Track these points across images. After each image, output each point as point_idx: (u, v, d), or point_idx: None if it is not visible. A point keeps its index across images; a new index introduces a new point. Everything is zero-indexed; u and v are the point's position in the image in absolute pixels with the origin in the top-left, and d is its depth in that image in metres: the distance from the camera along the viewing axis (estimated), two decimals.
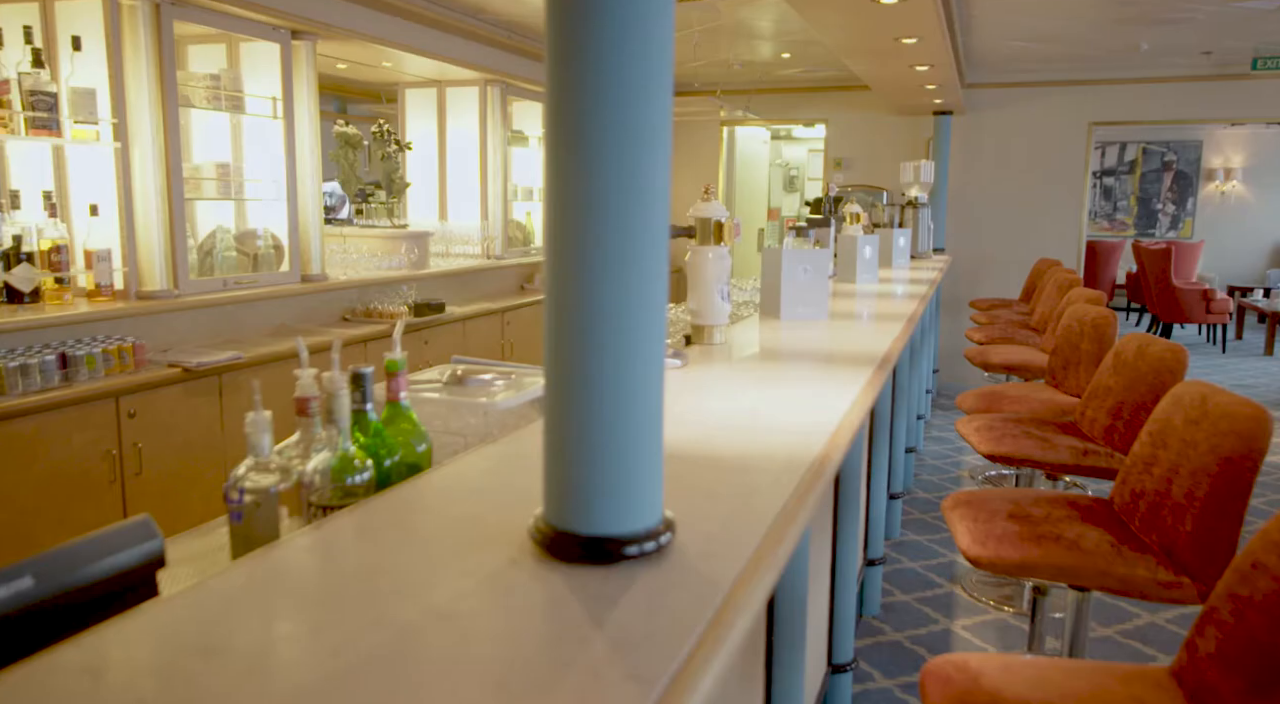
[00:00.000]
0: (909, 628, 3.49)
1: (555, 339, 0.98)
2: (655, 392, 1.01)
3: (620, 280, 0.95)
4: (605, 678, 0.75)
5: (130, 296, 3.43)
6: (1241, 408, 1.87)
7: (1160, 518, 2.01)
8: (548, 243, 0.98)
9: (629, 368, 0.97)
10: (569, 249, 0.96)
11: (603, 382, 0.97)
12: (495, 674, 0.76)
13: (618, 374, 0.97)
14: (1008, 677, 1.42)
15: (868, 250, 4.54)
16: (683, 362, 2.19)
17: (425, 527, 1.13)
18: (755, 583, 0.95)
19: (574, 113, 0.93)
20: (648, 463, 1.01)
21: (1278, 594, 1.29)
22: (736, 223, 2.54)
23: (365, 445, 1.39)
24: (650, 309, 0.98)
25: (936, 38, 4.10)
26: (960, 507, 2.20)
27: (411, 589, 0.93)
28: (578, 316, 0.96)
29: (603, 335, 0.96)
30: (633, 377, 0.98)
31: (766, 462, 1.40)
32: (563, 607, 0.90)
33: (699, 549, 1.04)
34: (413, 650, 0.80)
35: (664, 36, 0.96)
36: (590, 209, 0.94)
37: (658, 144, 0.96)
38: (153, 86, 3.41)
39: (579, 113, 0.93)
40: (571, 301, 0.96)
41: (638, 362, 0.98)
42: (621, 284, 0.95)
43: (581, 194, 0.94)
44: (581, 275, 0.95)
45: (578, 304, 0.96)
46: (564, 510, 1.00)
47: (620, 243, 0.94)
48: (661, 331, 1.01)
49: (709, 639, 0.82)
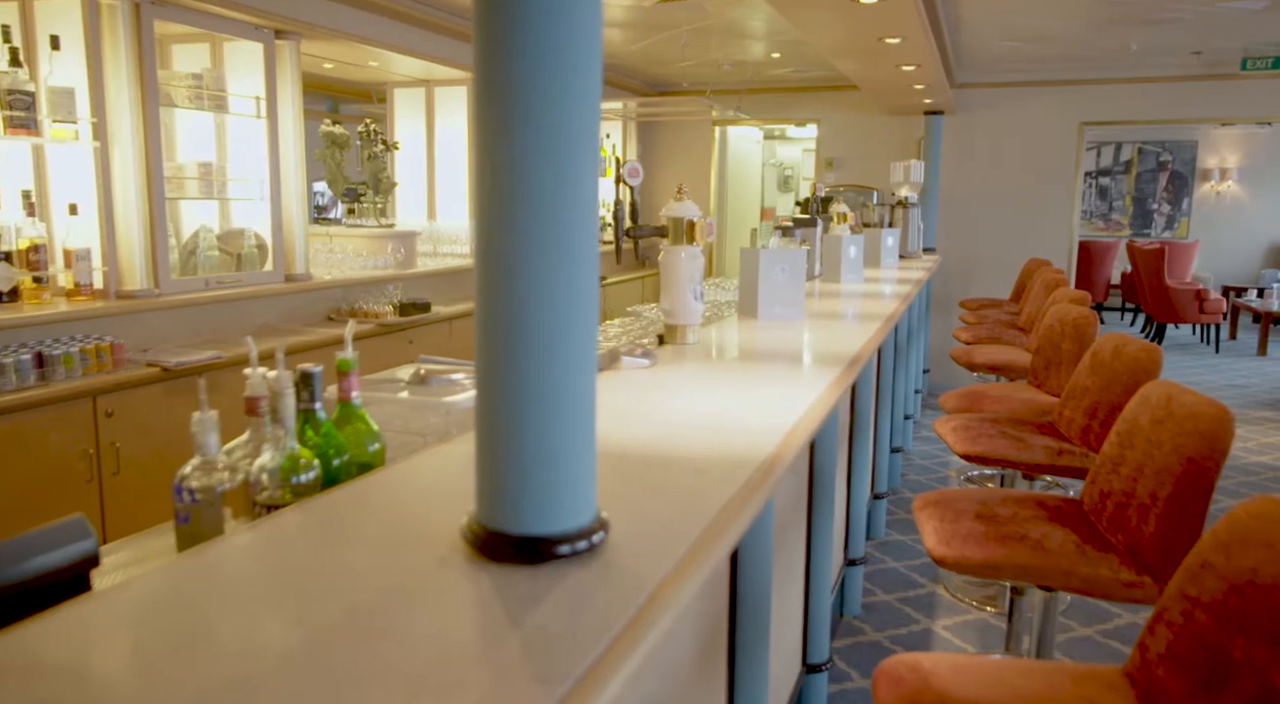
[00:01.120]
0: (889, 628, 3.49)
1: (484, 340, 0.98)
2: (586, 392, 1.01)
3: (545, 280, 0.95)
4: (511, 678, 0.75)
5: (110, 296, 3.43)
6: (1205, 408, 1.87)
7: (1126, 518, 2.01)
8: (475, 243, 0.98)
9: (557, 368, 0.97)
10: (494, 249, 0.96)
11: (530, 382, 0.97)
12: (402, 674, 0.76)
13: (545, 375, 0.97)
14: (959, 677, 1.42)
15: (853, 250, 4.53)
16: (651, 361, 2.19)
17: (362, 526, 1.13)
18: (682, 583, 0.95)
19: (497, 113, 0.93)
20: (579, 463, 1.01)
21: (1225, 594, 1.29)
22: (709, 222, 2.54)
23: (314, 445, 1.38)
24: (578, 309, 0.97)
25: (920, 38, 4.10)
26: (929, 507, 2.20)
27: (337, 589, 0.93)
28: (504, 317, 0.96)
29: (529, 336, 0.96)
30: (561, 377, 0.98)
31: (719, 461, 1.40)
32: (484, 607, 0.90)
33: (634, 548, 1.04)
34: (326, 650, 0.80)
35: (589, 41, 0.95)
36: (514, 210, 0.94)
37: (582, 146, 0.95)
38: (133, 86, 3.41)
39: (502, 113, 0.93)
40: (498, 302, 0.96)
41: (566, 362, 0.98)
42: (547, 284, 0.95)
43: (506, 195, 0.94)
44: (507, 275, 0.95)
45: (504, 304, 0.96)
46: (494, 510, 1.00)
47: (544, 242, 0.94)
48: (592, 331, 1.01)
49: (624, 640, 0.82)
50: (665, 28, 5.72)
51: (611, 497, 1.24)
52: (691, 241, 2.49)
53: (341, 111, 8.39)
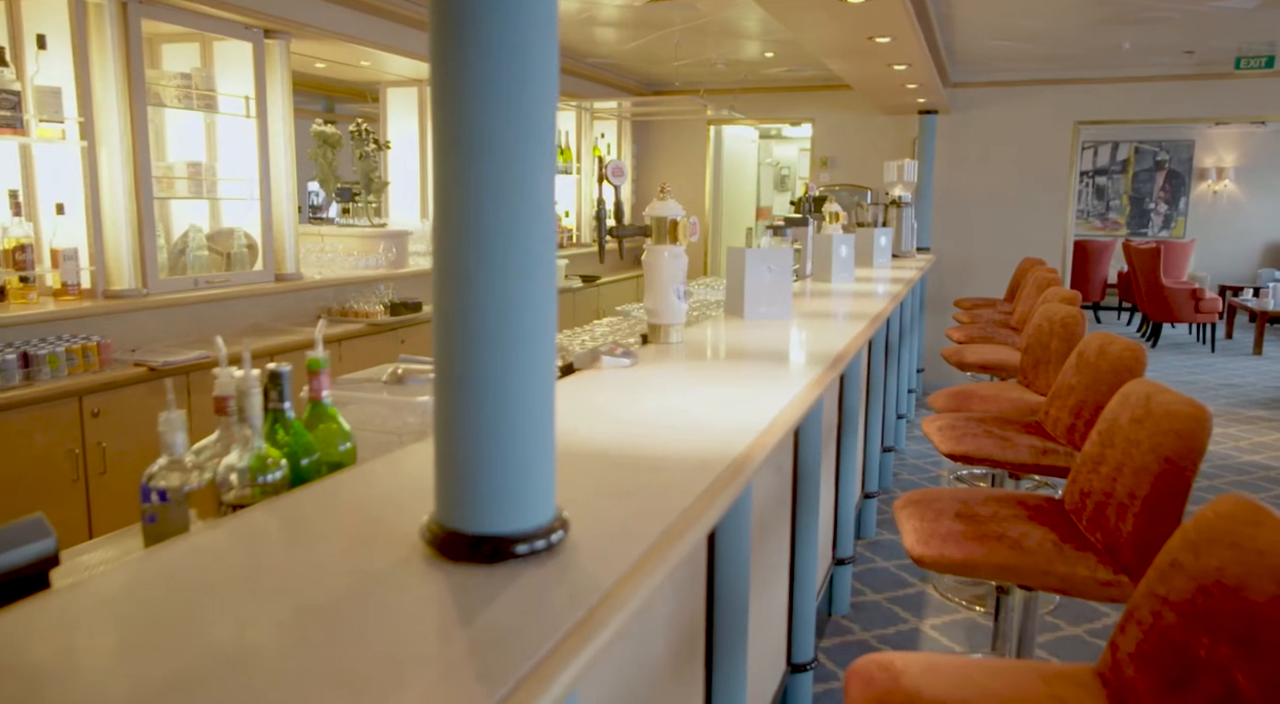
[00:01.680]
0: (877, 627, 3.49)
1: (440, 342, 0.98)
2: (544, 391, 1.01)
3: (500, 283, 0.95)
4: (455, 677, 0.75)
5: (97, 296, 3.43)
6: (1183, 407, 1.87)
7: (1104, 517, 2.01)
8: (433, 241, 0.98)
9: (514, 367, 0.97)
10: (448, 252, 0.95)
11: (485, 385, 0.97)
12: (345, 673, 0.76)
13: (502, 374, 0.97)
14: (930, 677, 1.42)
15: (843, 250, 4.53)
16: (632, 361, 2.19)
17: (324, 525, 1.13)
18: (638, 584, 0.95)
19: (451, 115, 0.93)
20: (536, 463, 1.01)
21: (1192, 592, 1.29)
22: (693, 222, 2.54)
23: (284, 445, 1.38)
24: (533, 311, 0.97)
25: (910, 37, 4.10)
26: (909, 506, 2.20)
27: (290, 588, 0.93)
28: (459, 320, 0.96)
29: (483, 338, 0.96)
30: (519, 376, 0.98)
31: (688, 461, 1.40)
32: (436, 606, 0.90)
33: (593, 548, 1.04)
34: (270, 650, 0.80)
35: (545, 40, 0.95)
36: (472, 208, 0.94)
37: (537, 149, 0.95)
38: (120, 85, 3.41)
39: (455, 115, 0.93)
40: (453, 304, 0.96)
41: (522, 363, 0.98)
42: (501, 287, 0.95)
43: (462, 194, 0.94)
44: (461, 278, 0.95)
45: (459, 307, 0.96)
46: (452, 510, 1.00)
47: (498, 245, 0.94)
48: (549, 334, 1.01)
49: (573, 640, 0.82)
50: (659, 27, 5.72)
51: (576, 496, 1.24)
52: (675, 241, 2.49)
53: (337, 111, 8.40)
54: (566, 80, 6.93)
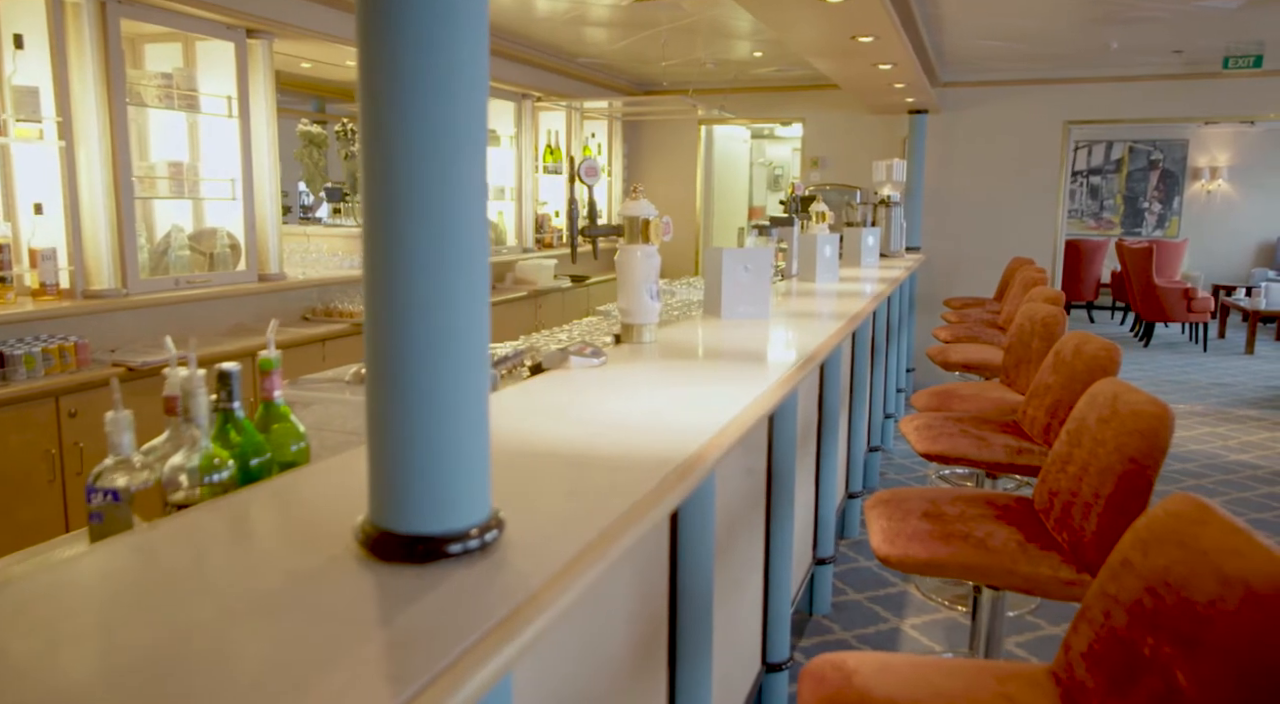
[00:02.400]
0: (858, 627, 3.49)
1: (370, 341, 0.98)
2: (476, 388, 1.00)
3: (427, 283, 0.94)
4: (364, 677, 0.75)
5: (76, 296, 3.43)
6: (1147, 406, 1.87)
7: (1070, 517, 2.01)
8: (363, 237, 0.98)
9: (444, 366, 0.97)
10: (377, 250, 0.95)
11: (414, 384, 0.96)
12: (256, 674, 0.75)
13: (432, 373, 0.96)
14: (883, 676, 1.42)
15: (828, 250, 4.53)
16: (601, 361, 2.18)
17: (263, 526, 1.12)
18: (568, 583, 0.95)
19: (376, 112, 0.93)
20: (468, 462, 1.00)
21: (1141, 592, 1.29)
22: (666, 221, 2.53)
23: (236, 445, 1.38)
24: (464, 310, 0.97)
25: (892, 36, 4.10)
26: (879, 506, 2.20)
27: (216, 589, 0.93)
28: (387, 319, 0.96)
29: (412, 338, 0.96)
30: (448, 375, 0.97)
31: (641, 461, 1.39)
32: (359, 606, 0.90)
33: (529, 548, 1.04)
34: (187, 650, 0.79)
35: (473, 37, 0.95)
36: (394, 210, 0.94)
37: (467, 147, 0.95)
38: (99, 85, 3.41)
39: (381, 113, 0.93)
40: (381, 303, 0.96)
41: (454, 359, 0.97)
42: (429, 287, 0.94)
43: (390, 188, 0.94)
44: (389, 277, 0.95)
45: (387, 306, 0.96)
46: (385, 510, 1.00)
47: (425, 243, 0.94)
48: (481, 333, 1.00)
49: (491, 640, 0.82)
50: (647, 26, 5.72)
51: (521, 496, 1.24)
52: (647, 240, 2.49)
53: (328, 111, 8.39)
54: (555, 80, 6.93)
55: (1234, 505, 4.84)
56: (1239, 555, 1.14)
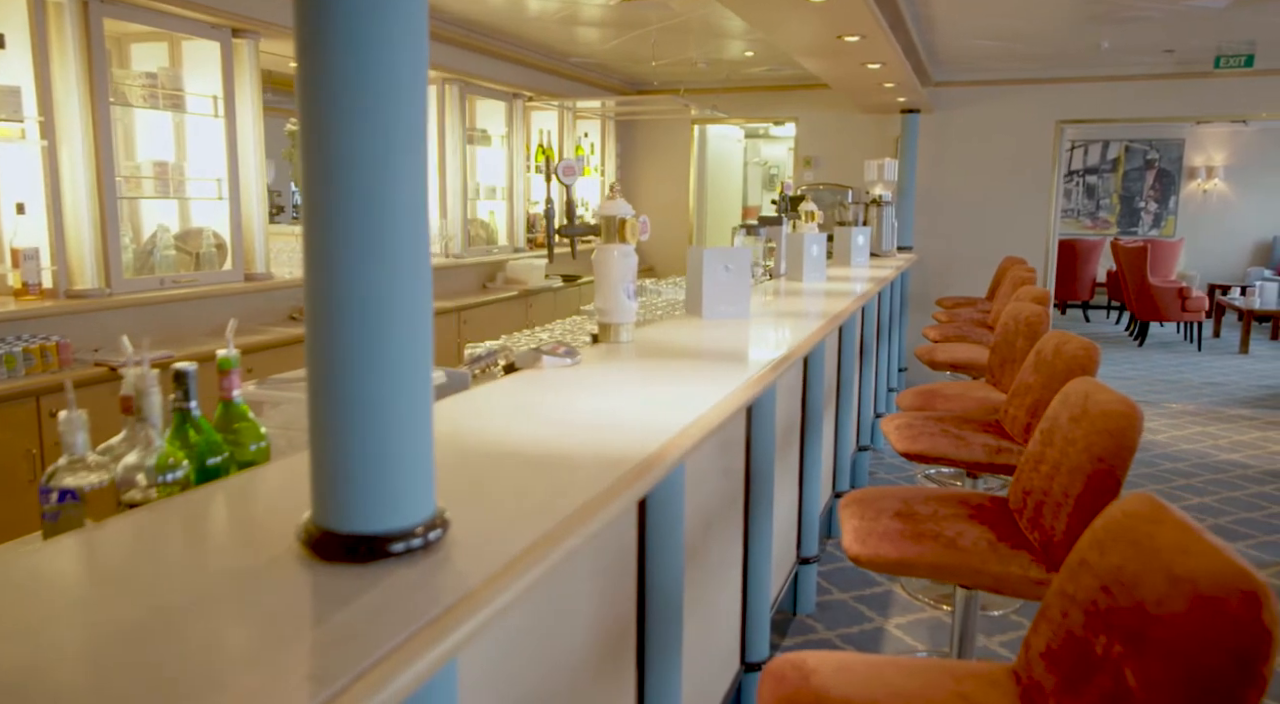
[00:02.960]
0: (841, 626, 3.49)
1: (310, 340, 0.98)
2: (417, 388, 1.00)
3: (364, 282, 0.94)
4: (285, 677, 0.75)
5: (59, 295, 3.43)
6: (1116, 406, 1.87)
7: (1042, 516, 2.01)
8: (303, 237, 0.98)
9: (384, 365, 0.97)
10: (316, 243, 0.95)
11: (353, 383, 0.96)
12: (177, 673, 0.75)
13: (370, 375, 0.96)
14: (841, 676, 1.42)
15: (815, 249, 4.53)
16: (574, 360, 2.18)
17: (209, 525, 1.12)
18: (505, 584, 0.95)
19: (313, 110, 0.93)
20: (411, 461, 1.00)
21: (1096, 590, 1.29)
22: (643, 221, 2.53)
23: (192, 444, 1.38)
24: (403, 309, 0.97)
25: (879, 36, 4.09)
26: (852, 505, 2.20)
27: (153, 589, 0.93)
28: (326, 318, 0.96)
29: (351, 332, 0.96)
30: (387, 374, 0.97)
31: (599, 460, 1.39)
32: (294, 605, 0.89)
33: (473, 547, 1.04)
34: (111, 650, 0.79)
35: (412, 37, 0.95)
36: (332, 209, 0.94)
37: (405, 145, 0.95)
38: (82, 84, 3.41)
39: (317, 110, 0.93)
40: (320, 302, 0.96)
41: (394, 358, 0.97)
42: (366, 286, 0.94)
43: (326, 189, 0.94)
44: (327, 276, 0.95)
45: (325, 305, 0.96)
46: (327, 510, 1.00)
47: (361, 242, 0.94)
48: (423, 331, 1.00)
49: (419, 640, 0.82)
50: (637, 26, 5.72)
51: (473, 495, 1.24)
52: (624, 240, 2.49)
53: None
54: (548, 79, 6.93)
55: (1223, 505, 4.84)
56: (1188, 555, 1.14)
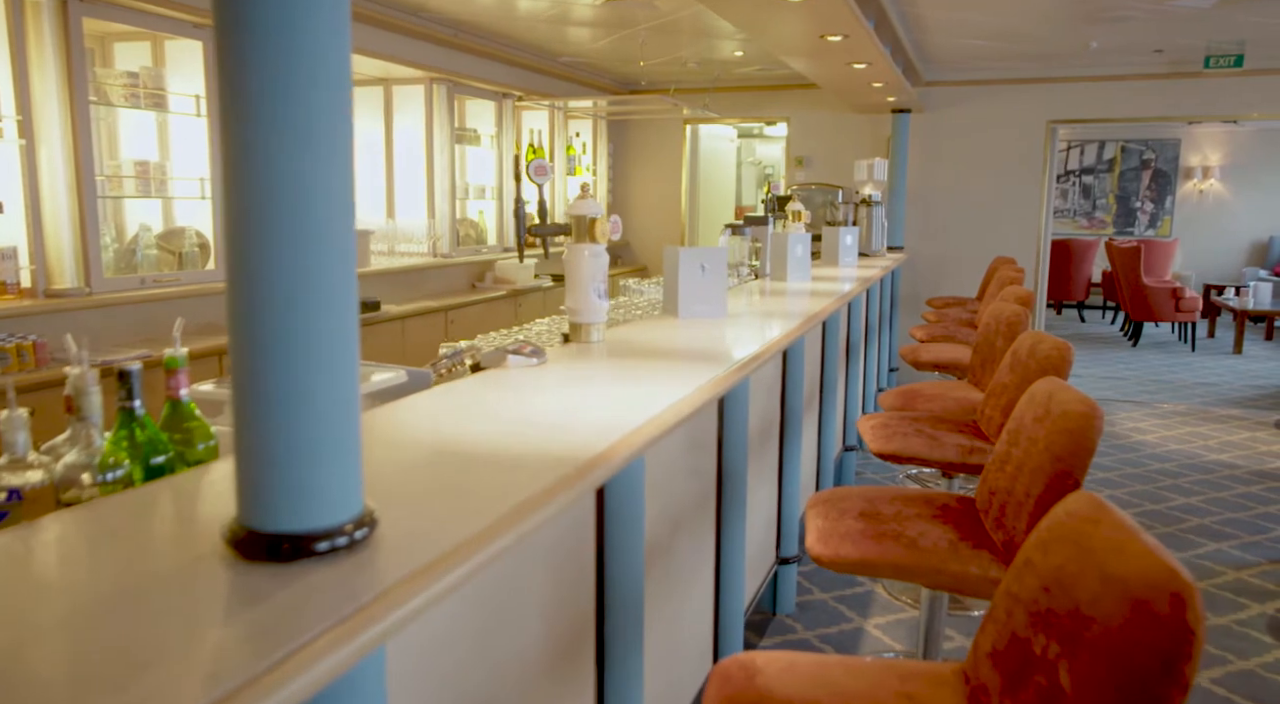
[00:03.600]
0: (821, 627, 3.49)
1: (232, 338, 0.98)
2: (343, 383, 1.00)
3: (283, 280, 0.94)
4: (184, 676, 0.75)
5: (38, 294, 3.43)
6: (1076, 405, 1.86)
7: (1005, 516, 2.00)
8: (223, 229, 0.98)
9: (306, 362, 0.97)
10: (234, 236, 0.95)
11: (274, 381, 0.96)
12: (79, 673, 0.75)
13: (291, 373, 0.96)
14: (786, 676, 1.41)
15: (799, 249, 4.53)
16: (540, 360, 2.18)
17: (140, 524, 1.12)
18: (425, 584, 0.94)
19: (231, 104, 0.93)
20: (336, 459, 1.00)
21: (1037, 590, 1.28)
22: (614, 220, 2.53)
23: (138, 443, 1.38)
24: (325, 306, 0.97)
25: (862, 35, 4.09)
26: (818, 505, 2.19)
27: (69, 588, 0.93)
28: (247, 315, 0.96)
29: (271, 329, 0.95)
30: (311, 375, 0.97)
31: (545, 460, 1.39)
32: (208, 605, 0.89)
33: (399, 547, 1.03)
34: (15, 651, 0.79)
35: (333, 34, 0.95)
36: (250, 206, 0.94)
37: (327, 142, 0.95)
38: (61, 83, 3.41)
39: (235, 105, 0.93)
40: (241, 299, 0.96)
41: (317, 354, 0.97)
42: (286, 284, 0.94)
43: (242, 190, 0.94)
44: (247, 274, 0.95)
45: (246, 302, 0.96)
46: (250, 509, 1.00)
47: (280, 238, 0.94)
48: (347, 328, 1.00)
49: (323, 640, 0.81)
50: (626, 25, 5.72)
51: (411, 494, 1.24)
52: (594, 240, 2.48)
53: None
54: (538, 79, 6.93)
55: (1209, 505, 4.84)
56: (1122, 554, 1.14)
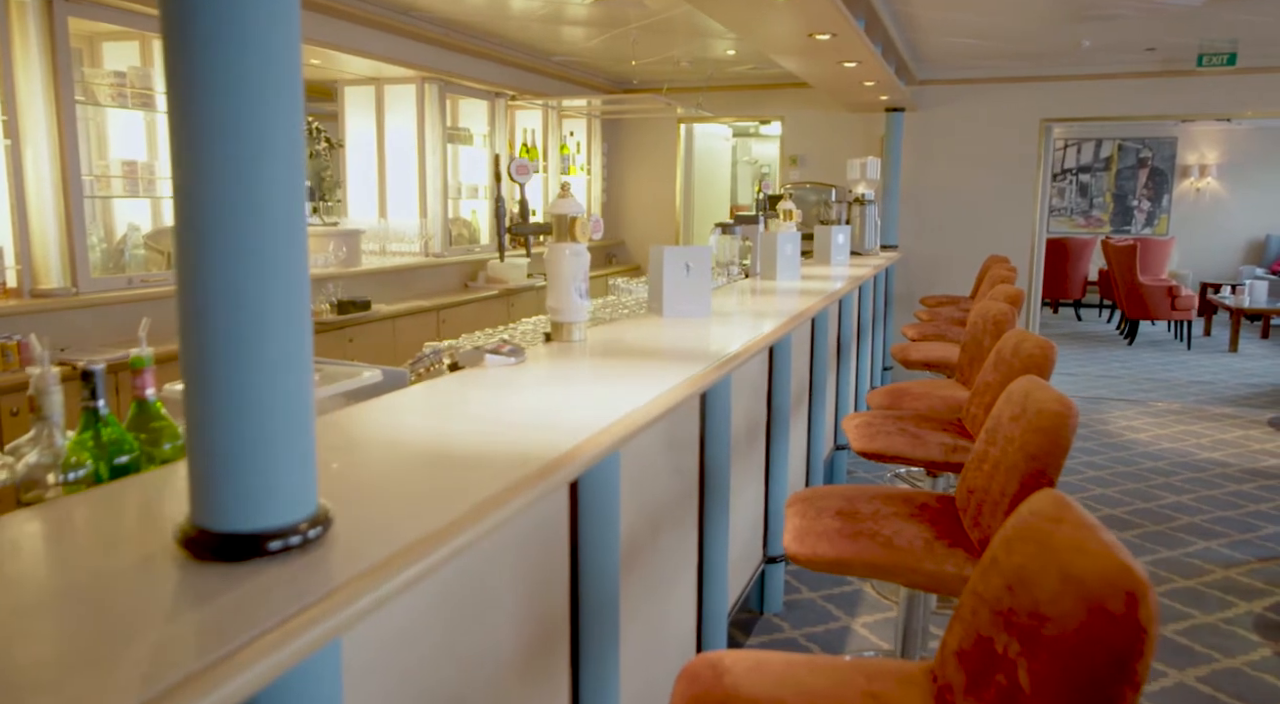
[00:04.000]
0: (808, 625, 3.49)
1: (183, 337, 0.98)
2: (292, 387, 1.00)
3: (232, 278, 0.94)
4: (117, 676, 0.75)
5: (24, 294, 3.43)
6: (1051, 404, 1.86)
7: (982, 515, 2.00)
8: (174, 222, 0.98)
9: (257, 360, 0.96)
10: (184, 232, 0.95)
11: (224, 379, 0.96)
12: (7, 673, 0.75)
13: (242, 371, 0.96)
14: (753, 675, 1.41)
15: (789, 248, 4.53)
16: (518, 359, 2.18)
17: (95, 524, 1.12)
18: (371, 584, 0.94)
19: (176, 102, 0.93)
20: (290, 456, 1.00)
21: (1001, 589, 1.28)
22: (595, 220, 2.53)
23: (105, 443, 1.38)
24: (275, 304, 0.97)
25: (851, 34, 4.09)
26: (796, 504, 2.19)
27: (15, 588, 0.92)
28: (196, 306, 0.95)
29: (220, 328, 0.95)
30: (261, 371, 0.97)
31: (511, 459, 1.39)
32: (151, 604, 0.89)
33: (352, 547, 1.03)
34: None
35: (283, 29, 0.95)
36: (197, 203, 0.93)
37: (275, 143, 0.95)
38: (47, 83, 3.40)
39: (181, 102, 0.92)
40: (191, 288, 0.96)
41: (268, 353, 0.97)
42: (234, 282, 0.94)
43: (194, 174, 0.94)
44: (196, 262, 0.95)
45: (196, 292, 0.95)
46: (202, 508, 1.00)
47: (228, 236, 0.94)
48: (298, 326, 1.00)
49: (266, 640, 0.81)
50: (617, 24, 5.71)
51: (371, 493, 1.23)
52: (574, 239, 2.48)
53: (309, 110, 8.40)
54: (531, 78, 6.92)
55: (1200, 503, 4.84)
56: (1082, 553, 1.13)
